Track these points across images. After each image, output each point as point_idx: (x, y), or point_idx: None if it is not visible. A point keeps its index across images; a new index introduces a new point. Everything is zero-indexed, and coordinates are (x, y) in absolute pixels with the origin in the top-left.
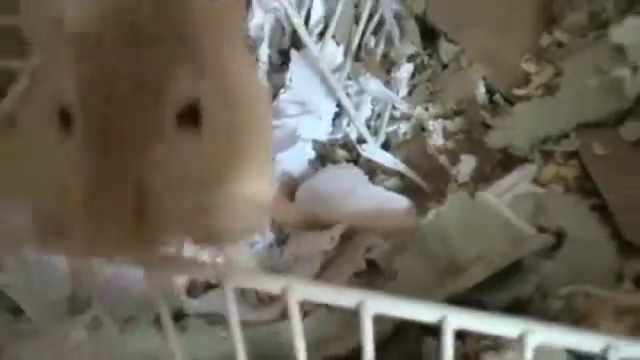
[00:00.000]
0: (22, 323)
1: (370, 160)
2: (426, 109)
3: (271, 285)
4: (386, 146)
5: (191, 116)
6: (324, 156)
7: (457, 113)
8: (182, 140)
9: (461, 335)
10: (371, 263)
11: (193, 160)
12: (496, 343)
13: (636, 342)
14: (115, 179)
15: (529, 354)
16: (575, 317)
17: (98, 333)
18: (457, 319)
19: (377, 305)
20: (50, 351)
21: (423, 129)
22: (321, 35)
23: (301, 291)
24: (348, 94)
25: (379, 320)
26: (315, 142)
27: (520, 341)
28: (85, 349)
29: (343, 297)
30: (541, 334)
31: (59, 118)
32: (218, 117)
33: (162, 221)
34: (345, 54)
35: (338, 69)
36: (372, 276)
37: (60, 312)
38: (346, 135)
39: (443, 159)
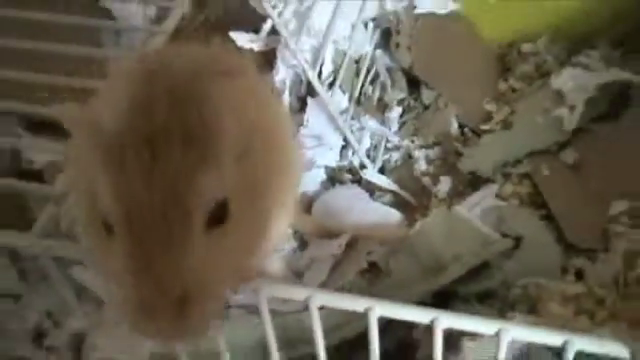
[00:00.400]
0: (104, 313)
1: (370, 182)
2: (412, 141)
3: (297, 294)
4: (382, 170)
5: (218, 213)
6: (334, 178)
7: (436, 144)
8: (211, 241)
9: None
10: (372, 264)
11: (225, 251)
12: None
13: (589, 338)
14: (155, 287)
15: (504, 346)
16: (530, 303)
17: None
18: (446, 320)
19: (381, 310)
20: (125, 339)
21: (410, 157)
22: (330, 85)
23: (320, 299)
24: (352, 131)
25: None
26: (326, 168)
27: (496, 336)
28: None
29: (354, 303)
30: (513, 331)
31: (103, 225)
32: (245, 203)
33: (202, 315)
34: (349, 100)
35: (344, 111)
36: (373, 274)
37: None
38: (351, 162)
39: (426, 180)
